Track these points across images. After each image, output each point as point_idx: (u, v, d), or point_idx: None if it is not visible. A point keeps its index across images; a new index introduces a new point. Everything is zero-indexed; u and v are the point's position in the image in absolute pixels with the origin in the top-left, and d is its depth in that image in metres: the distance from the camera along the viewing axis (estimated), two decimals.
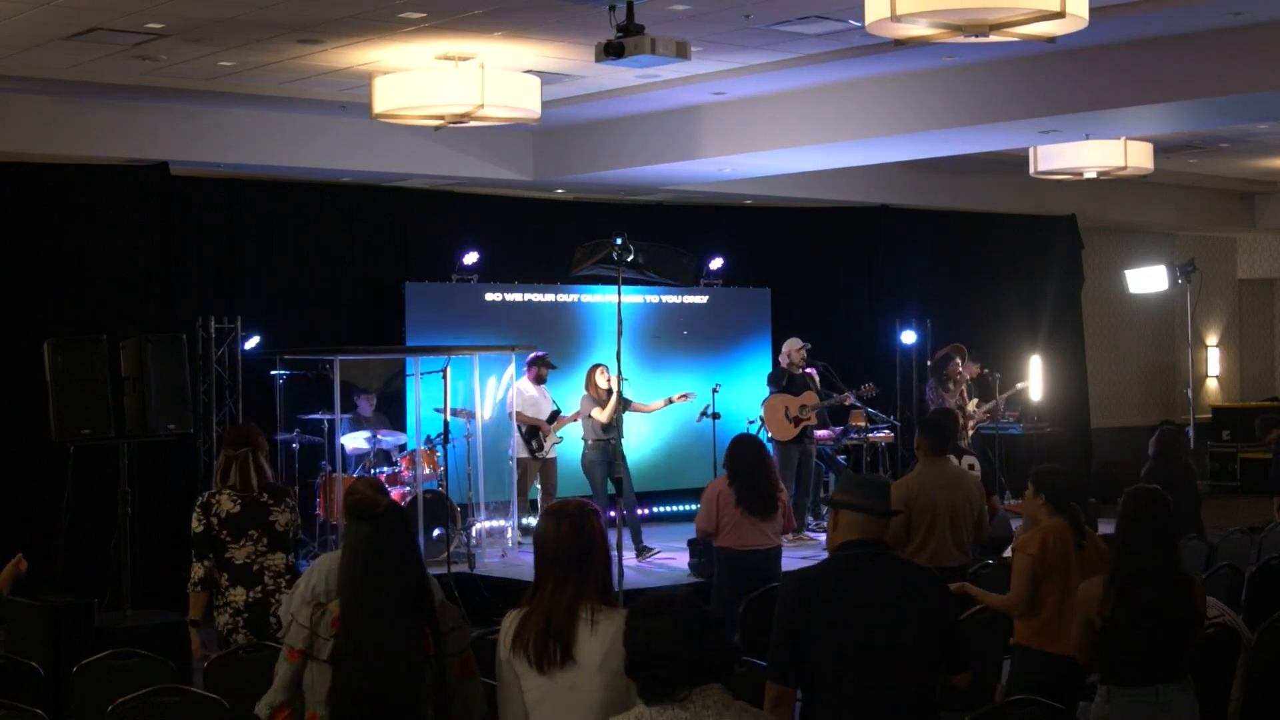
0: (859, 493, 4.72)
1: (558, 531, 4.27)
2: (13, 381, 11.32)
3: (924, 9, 6.86)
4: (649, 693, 3.58)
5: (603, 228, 13.46)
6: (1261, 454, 19.32)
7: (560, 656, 4.15)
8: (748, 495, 8.43)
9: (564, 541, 4.25)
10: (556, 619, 4.17)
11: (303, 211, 13.70)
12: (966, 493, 8.03)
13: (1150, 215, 18.73)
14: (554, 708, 4.15)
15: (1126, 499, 5.69)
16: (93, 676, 6.06)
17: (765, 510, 8.45)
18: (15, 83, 10.82)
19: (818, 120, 12.05)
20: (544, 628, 4.17)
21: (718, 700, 3.54)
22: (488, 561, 12.26)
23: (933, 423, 8.44)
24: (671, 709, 3.53)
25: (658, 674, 3.56)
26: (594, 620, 4.18)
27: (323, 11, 9.15)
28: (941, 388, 14.43)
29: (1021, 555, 6.43)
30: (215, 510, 6.72)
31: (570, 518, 4.30)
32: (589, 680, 4.12)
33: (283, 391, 12.52)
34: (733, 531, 8.45)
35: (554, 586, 4.22)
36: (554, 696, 4.15)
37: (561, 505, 4.41)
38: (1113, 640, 5.45)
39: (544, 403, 13.26)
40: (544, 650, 4.15)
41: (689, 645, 3.54)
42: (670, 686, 3.54)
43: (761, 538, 8.46)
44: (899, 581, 4.64)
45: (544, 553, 4.28)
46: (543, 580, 4.26)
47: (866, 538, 4.66)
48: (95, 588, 9.49)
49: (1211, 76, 10.18)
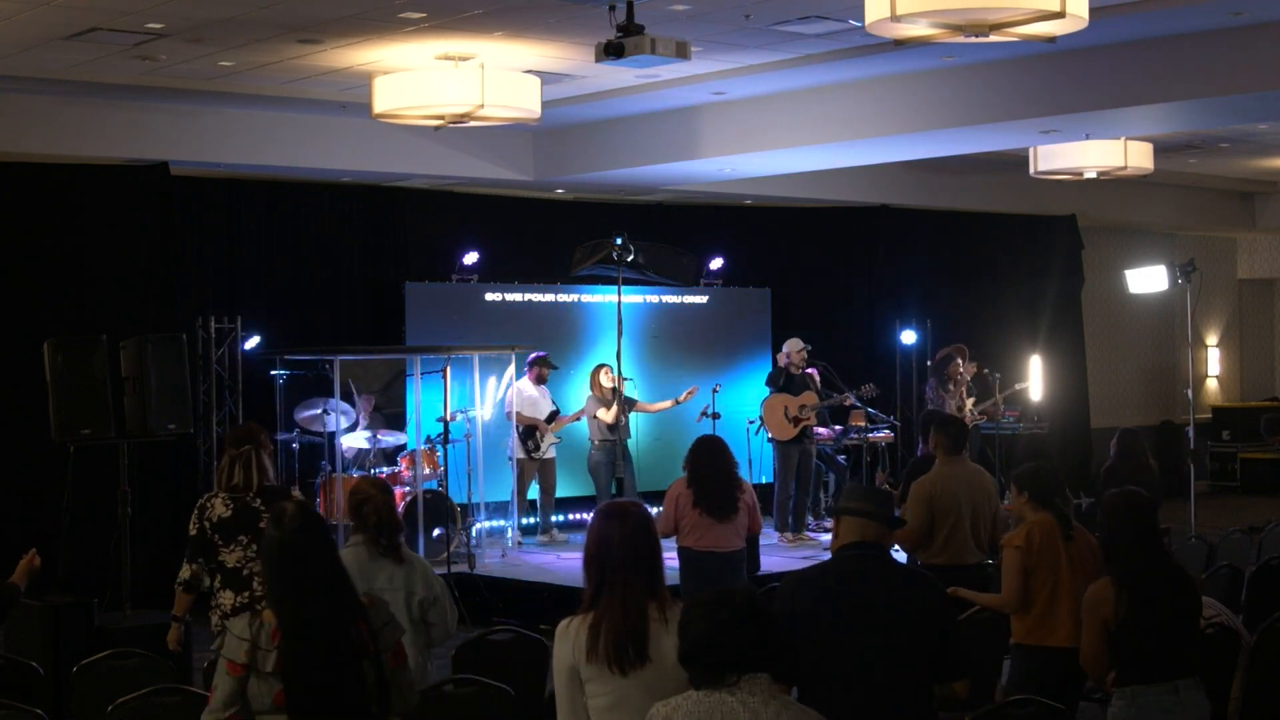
0: (861, 500, 4.76)
1: (624, 532, 4.31)
2: (13, 381, 11.32)
3: (924, 9, 6.86)
4: (700, 680, 3.74)
5: (603, 228, 13.49)
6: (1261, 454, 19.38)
7: (638, 656, 4.18)
8: (705, 496, 8.34)
9: (631, 542, 4.30)
10: (632, 620, 4.20)
11: (303, 211, 13.70)
12: (984, 490, 8.03)
13: (1150, 215, 18.73)
14: (630, 709, 4.15)
15: (1107, 503, 5.70)
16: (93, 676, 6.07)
17: (724, 512, 8.34)
18: (15, 83, 10.82)
19: (818, 120, 12.04)
20: (621, 629, 4.19)
21: (764, 689, 3.70)
22: (488, 561, 12.26)
23: (949, 420, 8.42)
24: (719, 693, 3.70)
25: (710, 661, 3.72)
26: (666, 617, 4.22)
27: (323, 11, 9.15)
28: (942, 388, 14.42)
29: (1009, 550, 6.46)
30: (208, 515, 6.72)
31: (635, 516, 4.37)
32: (667, 677, 4.13)
33: (283, 391, 12.52)
34: (692, 533, 8.36)
35: (624, 588, 4.24)
36: (631, 698, 4.16)
37: (621, 507, 4.46)
38: (1130, 640, 5.45)
39: (543, 403, 13.26)
40: (623, 652, 4.17)
41: (742, 635, 3.71)
42: (720, 672, 3.71)
43: (720, 539, 8.36)
44: (894, 584, 4.66)
45: (609, 554, 4.30)
46: (609, 582, 4.27)
47: (865, 540, 4.67)
48: (95, 588, 9.50)
49: (1211, 76, 10.18)
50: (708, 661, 3.72)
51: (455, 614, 5.96)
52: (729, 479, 8.45)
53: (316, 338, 13.22)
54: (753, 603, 3.78)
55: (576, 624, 4.28)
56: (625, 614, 4.21)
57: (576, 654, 4.23)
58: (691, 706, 3.70)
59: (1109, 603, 5.49)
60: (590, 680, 4.22)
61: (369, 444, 12.41)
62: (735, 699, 3.67)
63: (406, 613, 5.69)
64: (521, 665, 6.30)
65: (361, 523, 5.84)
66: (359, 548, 5.80)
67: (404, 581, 5.74)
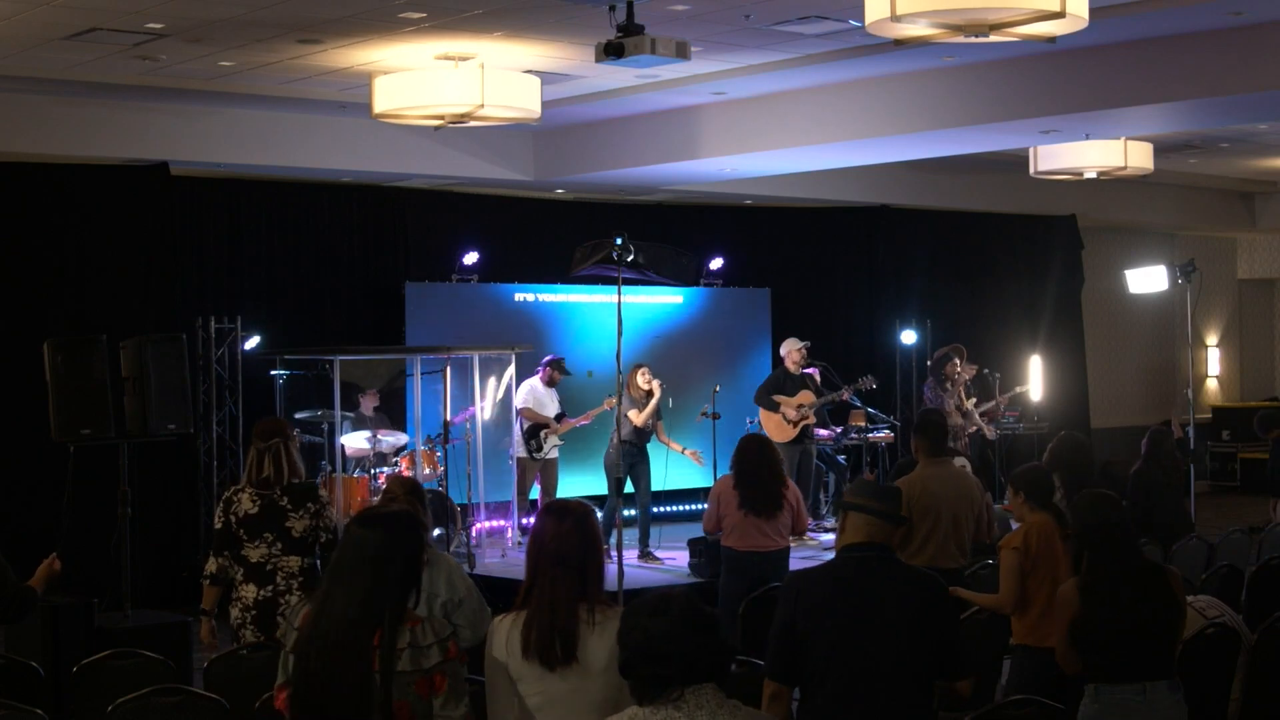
0: (869, 496, 4.74)
1: (559, 529, 4.26)
2: (13, 381, 11.32)
3: (924, 9, 6.86)
4: (642, 692, 3.54)
5: (603, 228, 13.46)
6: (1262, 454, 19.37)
7: (564, 655, 4.13)
8: (750, 496, 8.40)
9: (565, 539, 4.24)
10: (560, 617, 4.16)
11: (303, 211, 13.70)
12: (967, 493, 8.00)
13: (1150, 215, 18.73)
14: (558, 710, 4.13)
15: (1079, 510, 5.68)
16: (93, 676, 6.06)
17: (769, 511, 8.41)
18: (15, 83, 10.82)
19: (818, 120, 12.05)
20: (548, 626, 4.15)
21: (711, 700, 3.51)
22: (488, 561, 12.25)
23: (928, 423, 8.42)
24: (665, 709, 3.50)
25: (652, 673, 3.53)
26: (595, 620, 4.17)
27: (323, 11, 9.15)
28: (940, 388, 14.42)
29: (1007, 551, 6.47)
30: (234, 509, 6.74)
31: (572, 515, 4.30)
32: (593, 681, 4.11)
33: (283, 391, 12.52)
34: (735, 531, 8.43)
35: (553, 585, 4.20)
36: (559, 699, 4.14)
37: (562, 504, 4.40)
38: (1090, 639, 5.45)
39: (552, 405, 13.25)
40: (549, 648, 4.13)
41: (684, 645, 3.51)
42: (664, 686, 3.51)
43: (764, 539, 8.43)
44: (900, 585, 4.64)
45: (543, 550, 4.26)
46: (540, 578, 4.24)
47: (871, 541, 4.67)
48: (95, 588, 9.49)
49: (1211, 76, 10.18)
50: (648, 673, 3.53)
51: (487, 615, 5.87)
52: (775, 477, 8.49)
53: (316, 338, 13.22)
54: (692, 610, 3.56)
55: (509, 620, 4.26)
56: (553, 611, 4.16)
57: (507, 649, 4.21)
58: None
59: (1072, 603, 5.49)
60: (520, 679, 4.19)
61: (369, 444, 12.41)
62: (682, 714, 3.49)
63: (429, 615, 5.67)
64: None
65: None
66: None
67: (428, 583, 5.71)
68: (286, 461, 6.77)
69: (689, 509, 14.80)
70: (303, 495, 6.81)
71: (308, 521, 6.78)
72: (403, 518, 4.19)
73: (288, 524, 6.74)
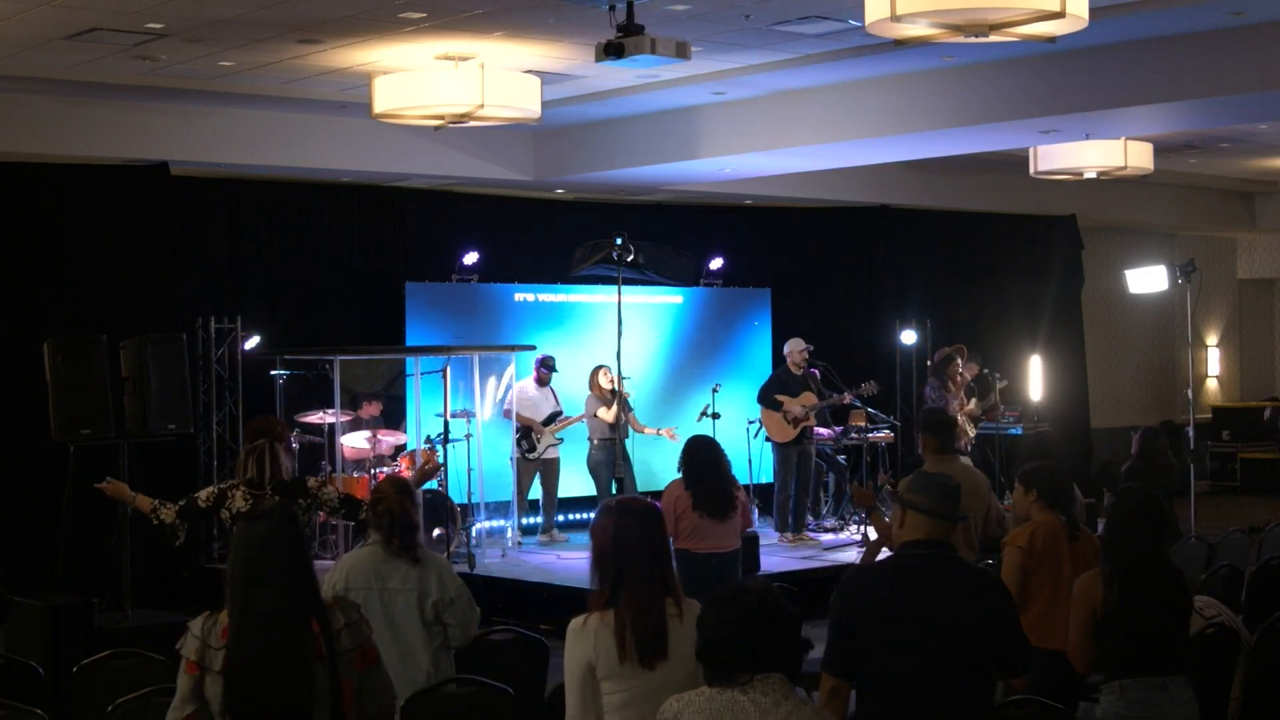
0: (928, 494, 4.74)
1: (641, 527, 4.37)
2: (13, 381, 11.32)
3: (924, 9, 6.86)
4: (712, 675, 3.74)
5: (603, 228, 13.47)
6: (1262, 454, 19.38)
7: (662, 651, 4.23)
8: (704, 497, 8.28)
9: (648, 537, 4.37)
10: (654, 616, 4.25)
11: (303, 211, 13.70)
12: (976, 489, 8.00)
13: (1150, 215, 18.73)
14: (641, 706, 4.17)
15: (1119, 498, 5.72)
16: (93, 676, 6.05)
17: (722, 512, 8.29)
18: (15, 83, 10.82)
19: (818, 120, 12.04)
20: (645, 625, 4.23)
21: (778, 689, 3.69)
22: (488, 561, 12.26)
23: (936, 420, 8.41)
24: (731, 691, 3.69)
25: (721, 657, 3.72)
26: (681, 613, 4.27)
27: (323, 11, 9.15)
28: (943, 388, 14.42)
29: (1010, 549, 6.47)
30: (229, 505, 6.74)
31: (650, 513, 4.44)
32: (681, 673, 4.17)
33: (283, 391, 12.52)
34: (691, 535, 8.28)
35: (641, 584, 4.29)
36: (646, 694, 4.18)
37: (634, 504, 4.51)
38: (1118, 632, 5.46)
39: (544, 404, 13.25)
40: (649, 647, 4.22)
41: (755, 634, 3.70)
42: (732, 670, 3.70)
43: (720, 540, 8.31)
44: (959, 582, 4.67)
45: (628, 550, 4.33)
46: (625, 579, 4.30)
47: (931, 538, 4.70)
48: (95, 588, 9.49)
49: (1211, 76, 10.17)
50: (718, 657, 3.73)
51: (477, 615, 5.89)
52: (724, 478, 8.43)
53: (316, 338, 13.22)
54: (766, 602, 3.76)
55: (594, 622, 4.30)
56: (648, 610, 4.26)
57: (595, 652, 4.25)
58: (703, 703, 3.72)
59: (1098, 593, 5.51)
60: (607, 678, 4.24)
61: (369, 444, 12.41)
62: (747, 698, 3.66)
63: (419, 614, 5.67)
64: (521, 665, 6.29)
65: (376, 522, 5.82)
66: (375, 547, 5.78)
67: (418, 582, 5.72)
68: (271, 462, 6.77)
69: None
70: (292, 492, 6.81)
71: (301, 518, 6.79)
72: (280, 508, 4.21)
73: None
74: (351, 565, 5.77)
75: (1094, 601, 5.52)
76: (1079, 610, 5.58)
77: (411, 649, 5.66)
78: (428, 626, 5.71)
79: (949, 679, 4.54)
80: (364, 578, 5.69)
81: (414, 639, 5.67)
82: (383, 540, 5.79)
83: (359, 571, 5.72)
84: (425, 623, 5.69)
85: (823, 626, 4.56)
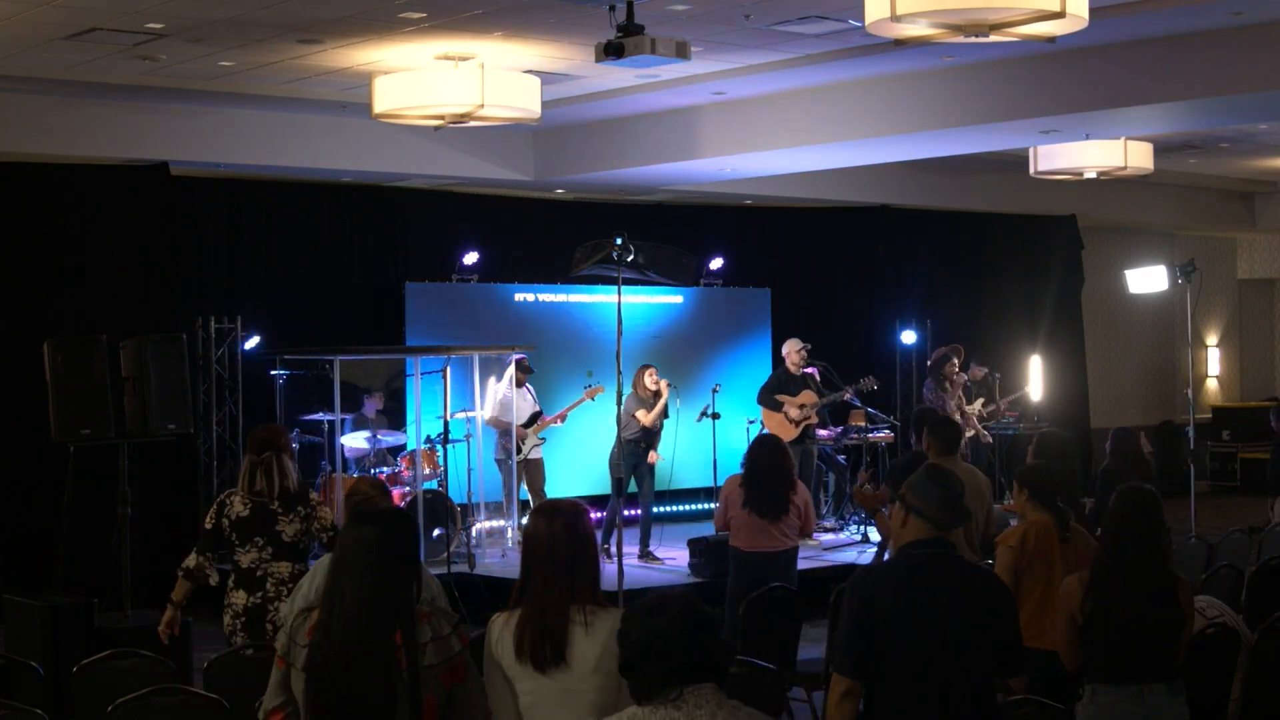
0: (932, 500, 4.74)
1: (550, 530, 4.25)
2: (13, 381, 11.32)
3: (924, 9, 6.86)
4: (641, 692, 3.55)
5: (603, 228, 13.44)
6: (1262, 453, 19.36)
7: (554, 657, 4.13)
8: (755, 496, 8.39)
9: (556, 540, 4.23)
10: (550, 618, 4.16)
11: (303, 211, 13.70)
12: (977, 491, 7.99)
13: (1150, 215, 18.73)
14: (549, 710, 4.13)
15: (1117, 498, 5.68)
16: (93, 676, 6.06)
17: (773, 513, 8.38)
18: (15, 83, 10.82)
19: (818, 120, 12.04)
20: (539, 627, 4.15)
21: (710, 699, 3.51)
22: (488, 561, 12.25)
23: (942, 421, 8.40)
24: (664, 709, 3.50)
25: (650, 672, 3.53)
26: (587, 621, 4.16)
27: (323, 11, 9.15)
28: (940, 388, 14.43)
29: (1003, 549, 6.46)
30: (227, 512, 6.74)
31: (563, 516, 4.28)
32: (583, 683, 4.11)
33: (283, 391, 12.51)
34: (740, 531, 8.42)
35: (544, 585, 4.20)
36: (549, 699, 4.14)
37: (554, 504, 4.39)
38: (1094, 637, 5.46)
39: (523, 405, 13.17)
40: (539, 650, 4.14)
41: (682, 644, 3.51)
42: (662, 685, 3.52)
43: (769, 540, 8.40)
44: (962, 582, 4.69)
45: (535, 551, 4.26)
46: (532, 579, 4.24)
47: (934, 537, 4.72)
48: (95, 588, 9.49)
49: (1211, 76, 10.18)
50: (647, 673, 3.54)
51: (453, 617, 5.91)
52: (782, 480, 8.48)
53: (316, 338, 13.22)
54: (690, 610, 3.57)
55: (502, 620, 4.26)
56: (543, 612, 4.17)
57: (500, 649, 4.22)
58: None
59: (1076, 598, 5.50)
60: (514, 677, 4.19)
61: (369, 444, 12.40)
62: (681, 713, 3.49)
63: None
64: None
65: None
66: None
67: None
68: (279, 475, 6.76)
69: (690, 509, 14.82)
70: (294, 499, 6.81)
71: (299, 525, 6.77)
72: (398, 513, 4.20)
73: (278, 527, 6.73)
74: None
75: (1071, 605, 5.53)
76: (1061, 614, 5.60)
77: None
78: None
79: (955, 677, 4.56)
80: None
81: None
82: None
83: None
84: None
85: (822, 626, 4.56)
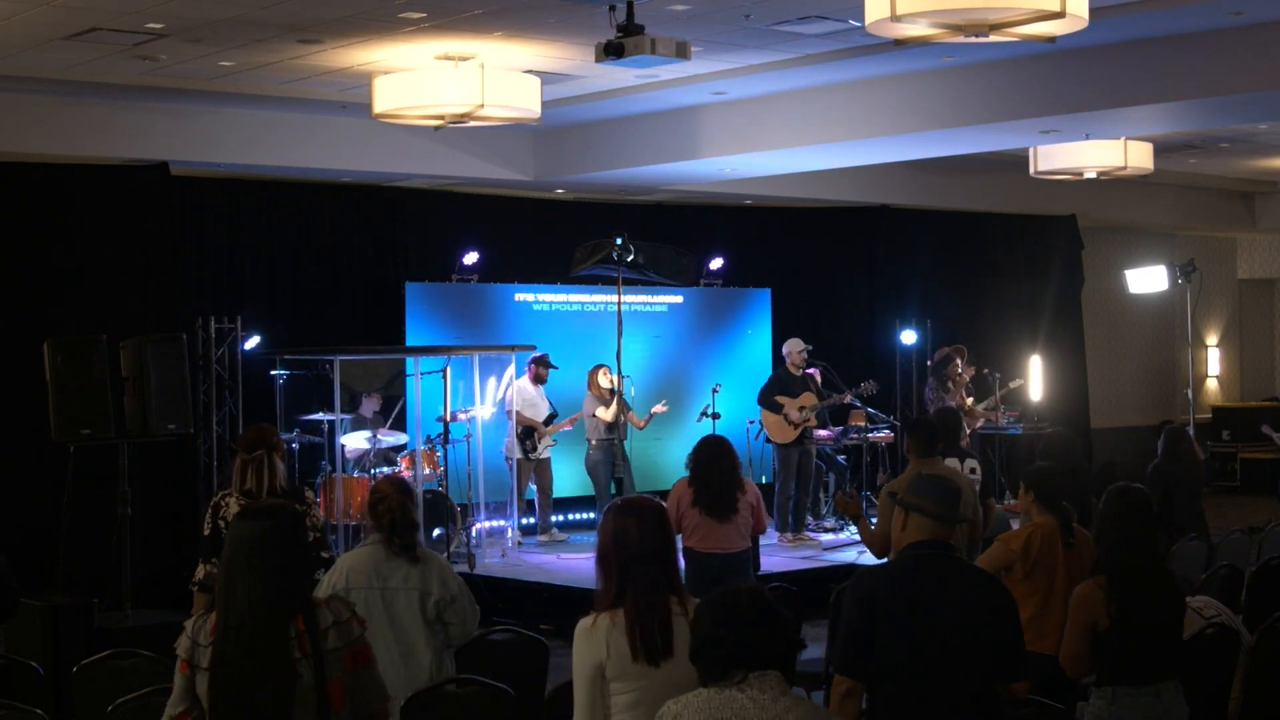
0: (930, 496, 4.79)
1: (641, 527, 4.40)
2: (13, 381, 11.32)
3: (924, 9, 6.86)
4: (708, 675, 3.76)
5: (603, 228, 13.48)
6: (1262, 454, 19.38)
7: (665, 649, 4.27)
8: (704, 496, 8.24)
9: (651, 536, 4.39)
10: (659, 613, 4.29)
11: (303, 211, 13.70)
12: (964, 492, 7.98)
13: (1150, 215, 18.73)
14: (650, 706, 4.17)
15: (1109, 498, 5.65)
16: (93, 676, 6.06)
17: (722, 513, 8.23)
18: (15, 83, 10.82)
19: (818, 120, 12.04)
20: (650, 623, 4.27)
21: (774, 686, 3.71)
22: (488, 561, 12.26)
23: (919, 422, 8.36)
24: (728, 690, 3.71)
25: (713, 656, 3.75)
26: (686, 612, 4.30)
27: (323, 11, 9.15)
28: (942, 388, 14.43)
29: (1000, 545, 6.43)
30: (223, 514, 6.74)
31: (650, 512, 4.46)
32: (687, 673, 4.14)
33: (283, 391, 12.51)
34: (694, 532, 8.26)
35: (645, 583, 4.32)
36: (655, 693, 4.19)
37: (635, 502, 4.54)
38: (1118, 641, 5.43)
39: (541, 404, 13.25)
40: (654, 646, 4.26)
41: (746, 631, 3.72)
42: (726, 668, 3.72)
43: (722, 540, 8.27)
44: (962, 584, 4.71)
45: (627, 549, 4.37)
46: (628, 578, 4.34)
47: (934, 539, 4.73)
48: (95, 588, 9.50)
49: (1211, 76, 10.17)
50: (713, 656, 3.75)
51: (476, 613, 5.91)
52: (729, 479, 8.39)
53: (316, 338, 13.21)
54: (757, 601, 3.79)
55: (603, 623, 4.32)
56: (651, 608, 4.29)
57: (604, 652, 4.28)
58: (701, 704, 3.73)
59: (1099, 603, 5.45)
60: (616, 678, 4.27)
61: (369, 444, 12.40)
62: (745, 695, 3.69)
63: (421, 613, 5.68)
64: (521, 665, 6.29)
65: (377, 522, 5.83)
66: (375, 547, 5.79)
67: (419, 581, 5.73)
68: (270, 473, 6.75)
69: None
70: (284, 498, 6.77)
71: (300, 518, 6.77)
72: (283, 508, 4.26)
73: None
74: (352, 565, 5.78)
75: (1095, 613, 5.46)
76: (1077, 620, 5.52)
77: (414, 648, 5.68)
78: (429, 625, 5.72)
79: (956, 678, 4.56)
80: (364, 577, 5.70)
81: (416, 638, 5.68)
82: (383, 540, 5.80)
83: (359, 571, 5.73)
84: (427, 621, 5.70)
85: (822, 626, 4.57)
